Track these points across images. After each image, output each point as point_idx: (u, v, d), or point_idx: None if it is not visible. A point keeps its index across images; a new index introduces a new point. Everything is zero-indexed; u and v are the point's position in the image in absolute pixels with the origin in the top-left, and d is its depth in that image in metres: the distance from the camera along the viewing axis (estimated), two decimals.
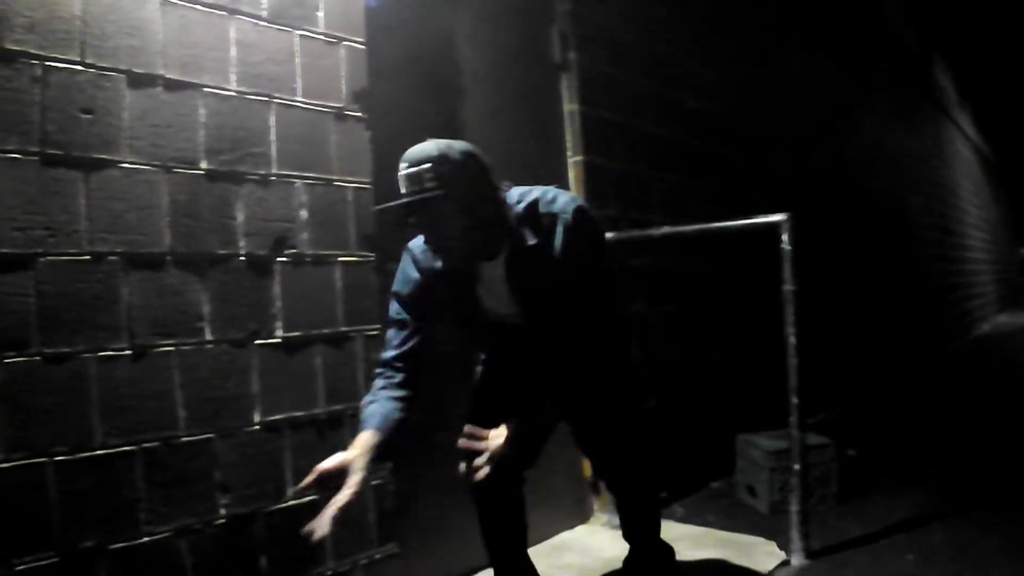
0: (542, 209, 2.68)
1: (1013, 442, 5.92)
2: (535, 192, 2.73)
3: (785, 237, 3.63)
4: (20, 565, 2.24)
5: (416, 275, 2.80)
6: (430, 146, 2.54)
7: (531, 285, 2.71)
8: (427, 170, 2.47)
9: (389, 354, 2.78)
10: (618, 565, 3.49)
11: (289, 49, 3.01)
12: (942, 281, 13.58)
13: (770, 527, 4.16)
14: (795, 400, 3.65)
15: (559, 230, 2.63)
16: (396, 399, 2.73)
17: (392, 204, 2.53)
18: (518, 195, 2.74)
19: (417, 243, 2.83)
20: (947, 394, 8.54)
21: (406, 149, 2.49)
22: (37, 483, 2.30)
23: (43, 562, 2.29)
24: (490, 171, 2.65)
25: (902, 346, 10.09)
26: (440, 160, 2.49)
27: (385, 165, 3.30)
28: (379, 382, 2.76)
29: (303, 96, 3.03)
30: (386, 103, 3.43)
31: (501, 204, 2.67)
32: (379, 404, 2.69)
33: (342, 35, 3.18)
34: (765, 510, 4.51)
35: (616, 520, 3.46)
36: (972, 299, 16.89)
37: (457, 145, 2.60)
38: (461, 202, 2.52)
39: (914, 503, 4.46)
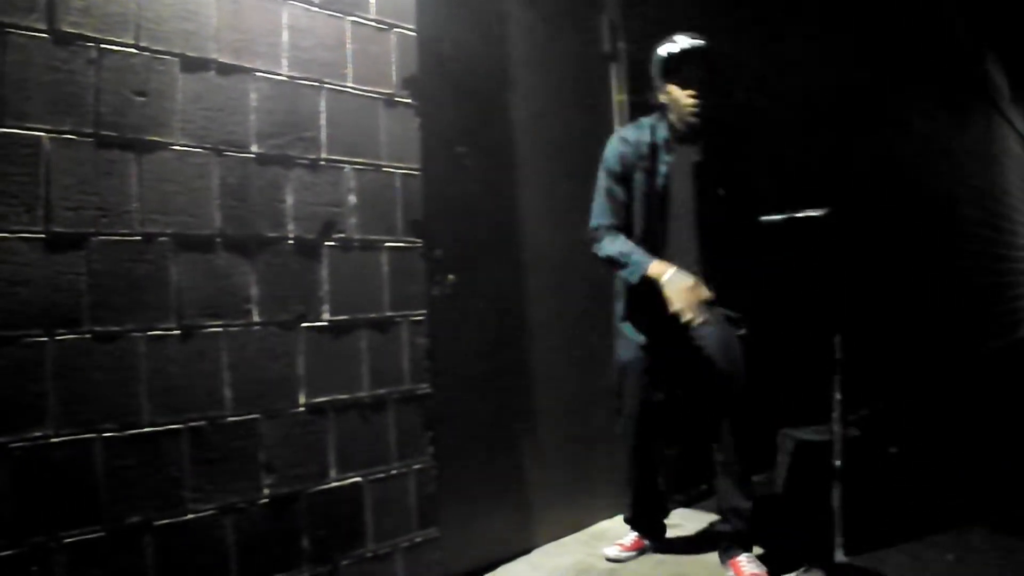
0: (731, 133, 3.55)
1: None
2: None
3: (832, 232, 3.61)
4: (68, 538, 2.28)
5: (631, 151, 3.46)
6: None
7: (711, 178, 3.43)
8: (711, 48, 3.38)
9: (608, 220, 3.47)
10: (655, 554, 3.53)
11: (340, 35, 3.02)
12: (989, 279, 13.40)
13: None
14: (838, 396, 3.63)
15: (746, 148, 3.58)
16: (635, 243, 3.42)
17: (683, 49, 3.37)
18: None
19: (626, 129, 3.59)
20: (991, 393, 8.44)
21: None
22: (85, 459, 2.34)
23: (90, 536, 2.32)
24: None
25: (947, 343, 9.99)
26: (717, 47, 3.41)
27: (433, 151, 3.32)
28: (609, 235, 3.45)
29: (353, 82, 3.05)
30: (435, 90, 3.45)
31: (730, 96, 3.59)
32: (634, 249, 3.37)
33: (393, 21, 3.19)
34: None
35: None
36: (1020, 298, 16.65)
37: None
38: (716, 70, 3.42)
39: (955, 502, 4.42)
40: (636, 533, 3.79)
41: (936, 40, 10.97)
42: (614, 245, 3.40)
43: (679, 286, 3.20)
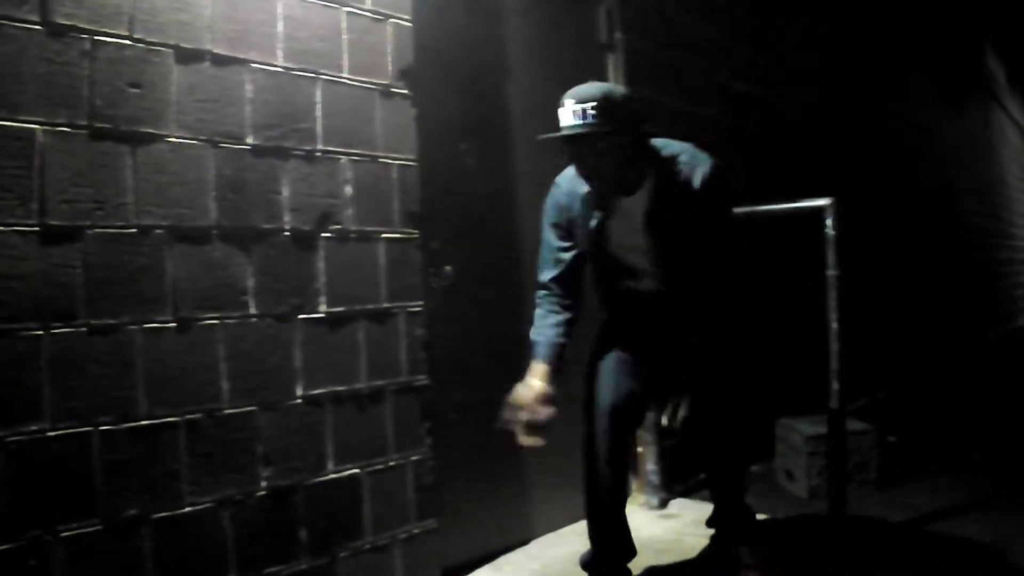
0: (683, 159, 2.97)
1: None
2: (676, 145, 3.03)
3: (829, 221, 3.61)
4: (65, 531, 2.28)
5: (565, 201, 3.11)
6: (594, 87, 2.87)
7: (664, 223, 2.99)
8: (592, 107, 2.76)
9: (547, 275, 3.15)
10: (656, 544, 3.53)
11: (336, 25, 3.01)
12: (987, 268, 13.42)
13: (808, 512, 4.15)
14: (836, 385, 3.63)
15: (698, 176, 2.94)
16: (556, 324, 3.10)
17: (555, 135, 2.84)
18: (662, 143, 3.02)
19: (565, 175, 3.15)
20: (988, 382, 8.46)
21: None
22: (82, 452, 2.34)
23: (87, 529, 2.32)
24: (643, 117, 3.00)
25: (945, 332, 9.99)
26: (604, 100, 2.78)
27: (430, 142, 3.32)
28: (541, 306, 3.15)
29: (349, 72, 3.04)
30: (432, 80, 3.44)
31: (647, 146, 2.98)
32: (542, 334, 3.08)
33: (389, 12, 3.18)
34: (804, 495, 4.50)
35: (655, 500, 3.48)
36: (1018, 287, 16.66)
37: (619, 89, 3.03)
38: (616, 140, 2.82)
39: (953, 491, 4.43)
40: None
41: (934, 30, 10.96)
42: (535, 323, 3.14)
43: (520, 394, 2.98)
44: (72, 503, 2.31)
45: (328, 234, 2.94)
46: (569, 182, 3.11)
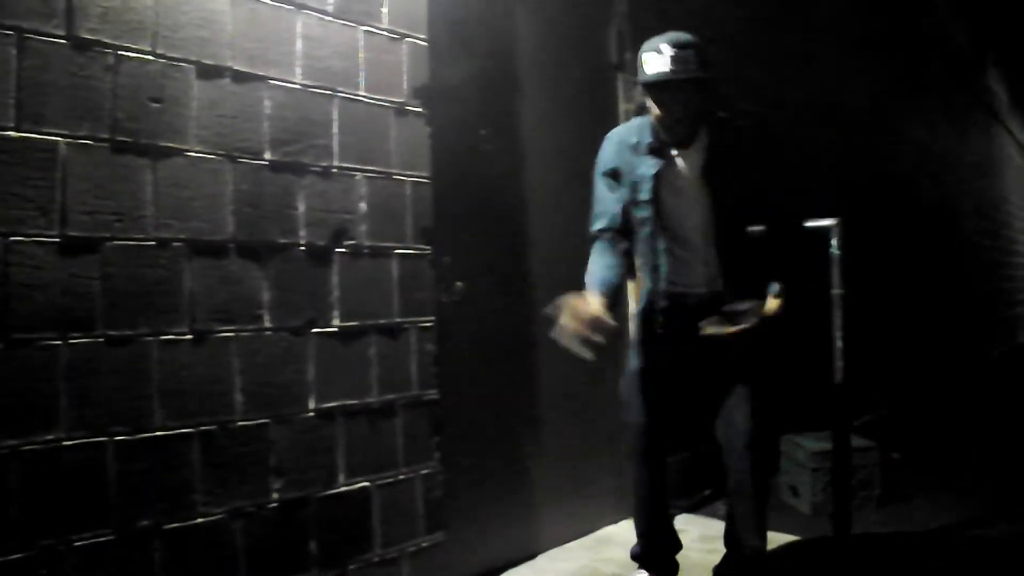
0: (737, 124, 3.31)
1: None
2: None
3: (835, 242, 3.62)
4: (78, 541, 2.30)
5: (618, 151, 3.25)
6: (686, 35, 3.05)
7: (713, 183, 3.18)
8: (694, 54, 2.99)
9: (602, 224, 3.24)
10: None
11: (353, 44, 3.05)
12: (989, 286, 13.43)
13: (812, 528, 4.16)
14: (840, 402, 3.65)
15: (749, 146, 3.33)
16: (611, 265, 3.17)
17: (661, 78, 2.99)
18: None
19: (616, 131, 3.36)
20: (991, 399, 8.47)
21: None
22: (96, 462, 2.36)
23: (100, 539, 2.34)
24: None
25: (948, 349, 10.01)
26: (702, 47, 3.03)
27: (443, 160, 3.35)
28: (596, 251, 3.22)
29: (366, 90, 3.07)
30: (446, 99, 3.47)
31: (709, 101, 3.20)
32: (598, 271, 3.13)
33: (405, 31, 3.22)
34: (807, 511, 4.51)
35: None
36: (1019, 305, 16.67)
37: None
38: (705, 87, 3.07)
39: (956, 509, 4.45)
40: (645, 572, 3.42)
41: (937, 49, 10.99)
42: (590, 265, 3.20)
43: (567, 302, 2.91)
44: (85, 513, 2.33)
45: (342, 249, 2.97)
46: (621, 135, 3.31)
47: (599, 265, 3.17)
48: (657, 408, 3.27)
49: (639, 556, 3.45)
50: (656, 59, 3.00)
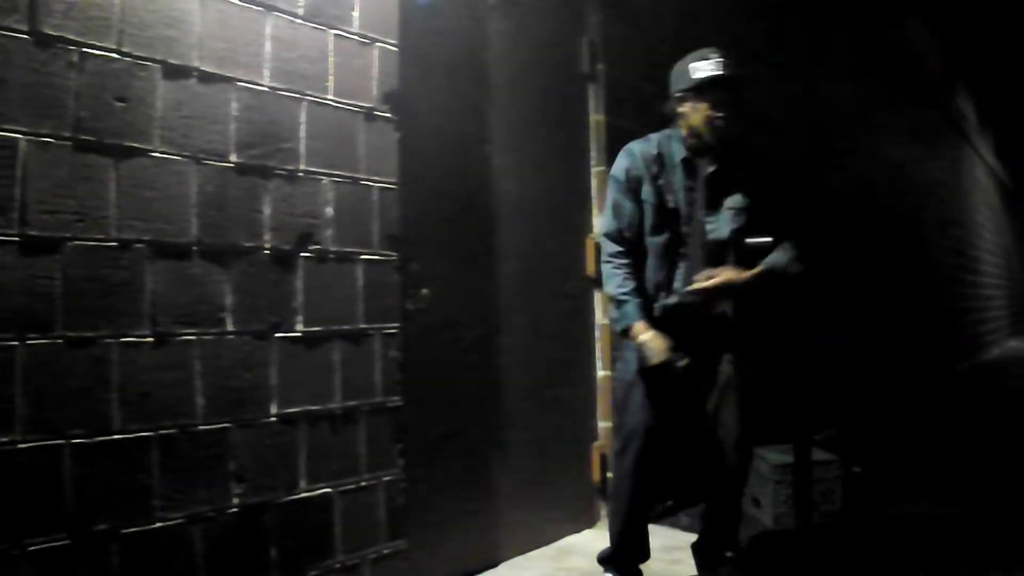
0: (753, 147, 3.50)
1: (1013, 463, 5.96)
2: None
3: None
4: (32, 546, 2.26)
5: (641, 164, 3.38)
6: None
7: (725, 193, 3.35)
8: (735, 66, 3.32)
9: (624, 233, 3.37)
10: None
11: (323, 47, 3.03)
12: (954, 304, 13.56)
13: (773, 539, 4.18)
14: (802, 416, 3.67)
15: (764, 171, 3.46)
16: (637, 290, 3.32)
17: (720, 74, 3.28)
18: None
19: (635, 144, 3.45)
20: (953, 415, 8.56)
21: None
22: (53, 465, 2.32)
23: (56, 544, 2.30)
24: None
25: (913, 365, 10.08)
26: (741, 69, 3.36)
27: (412, 166, 3.34)
28: (620, 268, 3.34)
29: (334, 95, 3.06)
30: (415, 105, 3.46)
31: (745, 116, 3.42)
32: (632, 298, 3.28)
33: (376, 36, 3.21)
34: (769, 522, 4.52)
35: None
36: (983, 323, 16.83)
37: None
38: (741, 97, 3.35)
39: (916, 522, 4.47)
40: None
41: (908, 69, 11.09)
42: (615, 279, 3.33)
43: (655, 347, 3.20)
44: (40, 516, 2.29)
45: (307, 254, 2.95)
46: (642, 147, 3.42)
47: (629, 289, 3.30)
48: (655, 412, 3.33)
49: (609, 559, 3.49)
50: (705, 64, 3.29)
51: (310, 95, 2.98)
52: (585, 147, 4.39)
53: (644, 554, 3.49)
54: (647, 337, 3.21)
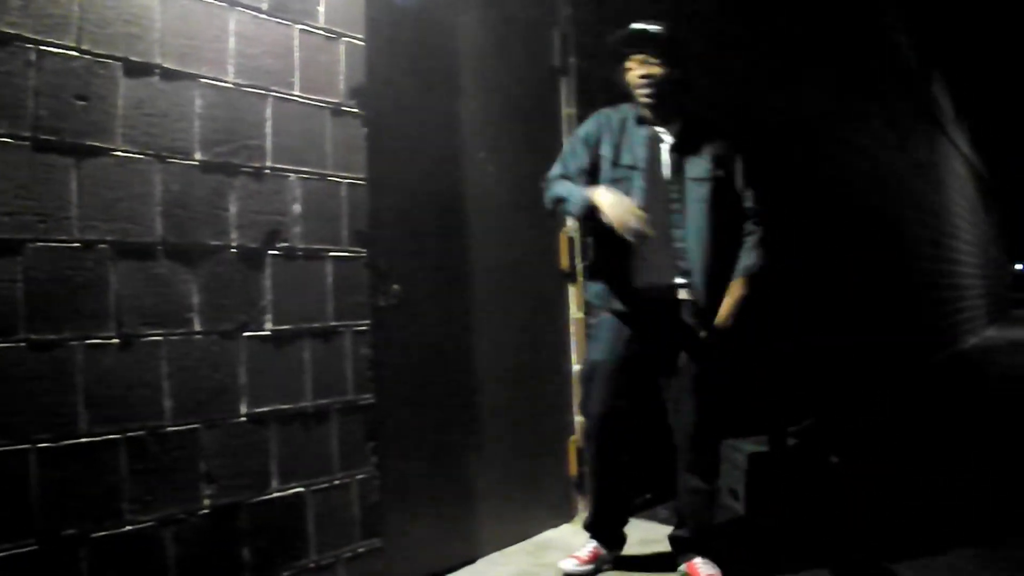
0: (711, 124, 3.58)
1: (989, 452, 6.02)
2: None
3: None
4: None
5: (604, 120, 3.55)
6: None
7: (679, 167, 3.45)
8: (666, 30, 3.43)
9: (565, 172, 3.52)
10: (612, 570, 3.56)
11: (288, 43, 3.00)
12: (931, 293, 13.61)
13: (749, 528, 4.19)
14: (779, 407, 3.67)
15: (721, 146, 3.52)
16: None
17: (642, 27, 3.41)
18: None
19: (607, 108, 3.60)
20: (931, 404, 8.60)
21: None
22: (19, 470, 2.29)
23: (23, 549, 2.27)
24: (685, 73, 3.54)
25: (890, 356, 10.12)
26: (672, 31, 3.46)
27: (381, 161, 3.32)
28: (559, 180, 3.51)
29: (300, 90, 3.03)
30: (384, 100, 3.44)
31: (689, 89, 3.56)
32: (576, 187, 3.42)
33: (342, 31, 3.18)
34: (742, 512, 4.54)
35: None
36: (961, 312, 16.92)
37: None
38: (679, 62, 3.46)
39: (895, 513, 4.48)
40: (595, 543, 3.67)
41: (884, 61, 11.13)
42: (559, 187, 3.47)
43: (613, 199, 3.23)
44: (7, 522, 2.26)
45: (275, 252, 2.92)
46: (606, 112, 3.59)
47: (572, 185, 3.43)
48: (618, 397, 3.47)
49: (590, 526, 3.71)
50: (637, 24, 3.43)
51: (275, 91, 2.95)
52: (557, 141, 4.37)
53: (623, 520, 3.73)
54: (609, 195, 3.26)
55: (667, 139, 3.49)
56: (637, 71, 3.44)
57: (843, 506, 4.61)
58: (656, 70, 3.41)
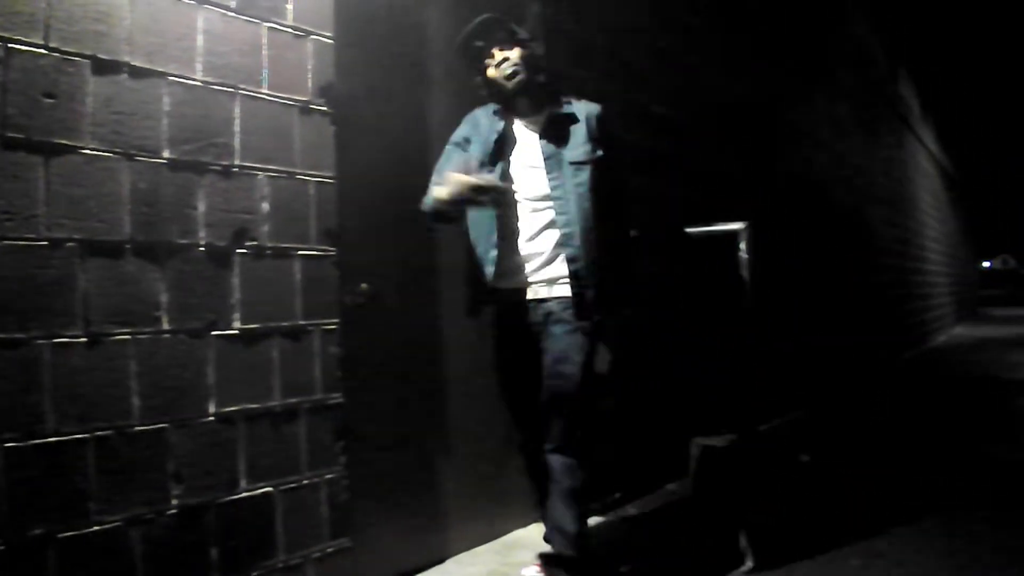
0: (575, 102, 3.48)
1: (955, 446, 6.12)
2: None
3: (743, 245, 3.66)
4: None
5: (472, 121, 3.51)
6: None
7: (554, 154, 3.35)
8: (499, 15, 3.44)
9: (437, 181, 3.32)
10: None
11: (256, 41, 3.00)
12: (899, 291, 13.72)
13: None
14: (751, 405, 3.69)
15: (585, 113, 3.42)
16: None
17: (476, 21, 3.40)
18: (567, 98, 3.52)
19: (479, 108, 3.54)
20: (899, 402, 8.70)
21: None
22: None
23: None
24: (546, 62, 3.61)
25: (860, 354, 10.19)
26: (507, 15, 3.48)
27: (350, 160, 3.31)
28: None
29: (269, 88, 3.02)
30: (353, 98, 3.44)
31: (555, 77, 3.56)
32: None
33: (311, 28, 3.18)
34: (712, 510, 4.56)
35: None
36: (929, 310, 17.07)
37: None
38: (532, 46, 3.46)
39: (862, 509, 4.52)
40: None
41: (850, 57, 11.20)
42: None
43: (445, 183, 3.16)
44: None
45: (243, 250, 2.91)
46: (481, 110, 3.54)
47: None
48: (506, 373, 3.55)
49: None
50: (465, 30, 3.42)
51: (244, 89, 2.94)
52: None
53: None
54: (440, 185, 3.20)
55: (535, 128, 3.42)
56: (495, 60, 3.39)
57: (799, 499, 4.66)
58: (512, 52, 3.38)
